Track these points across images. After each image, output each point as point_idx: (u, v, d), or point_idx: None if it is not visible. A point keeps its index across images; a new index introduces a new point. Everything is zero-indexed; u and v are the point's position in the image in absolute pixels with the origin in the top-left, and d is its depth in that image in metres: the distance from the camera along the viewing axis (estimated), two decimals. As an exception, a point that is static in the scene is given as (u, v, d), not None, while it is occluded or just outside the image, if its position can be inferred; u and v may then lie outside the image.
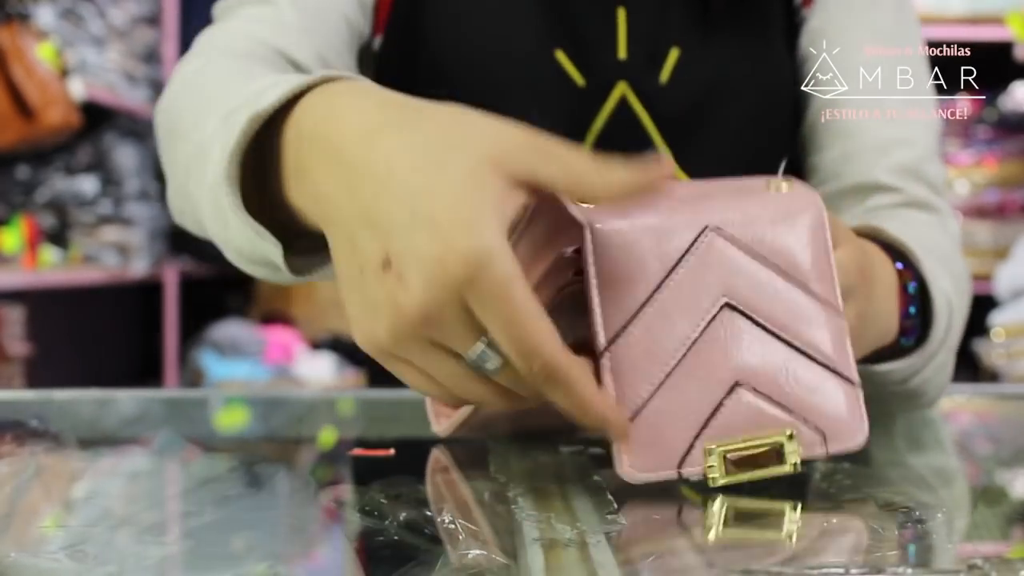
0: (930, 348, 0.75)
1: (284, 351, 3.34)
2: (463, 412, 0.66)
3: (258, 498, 0.64)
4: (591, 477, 0.63)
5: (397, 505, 0.57)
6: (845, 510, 0.58)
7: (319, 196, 0.55)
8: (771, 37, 0.93)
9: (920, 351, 0.75)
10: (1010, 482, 0.73)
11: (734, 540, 0.54)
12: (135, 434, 0.88)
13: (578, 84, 0.89)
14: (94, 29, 2.85)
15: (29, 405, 0.91)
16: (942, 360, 0.79)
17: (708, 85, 0.90)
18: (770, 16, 0.93)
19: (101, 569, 0.49)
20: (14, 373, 2.63)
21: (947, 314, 0.76)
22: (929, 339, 0.75)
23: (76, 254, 2.93)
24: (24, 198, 2.85)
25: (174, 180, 0.76)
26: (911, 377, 0.76)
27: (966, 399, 0.97)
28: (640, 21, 0.90)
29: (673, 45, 0.90)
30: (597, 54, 0.89)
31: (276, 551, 0.54)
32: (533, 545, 0.52)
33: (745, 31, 0.92)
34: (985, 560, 0.49)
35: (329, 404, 1.00)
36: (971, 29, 2.73)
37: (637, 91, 0.89)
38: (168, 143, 0.77)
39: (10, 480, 0.66)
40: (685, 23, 0.90)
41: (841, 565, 0.48)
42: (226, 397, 1.23)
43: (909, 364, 0.75)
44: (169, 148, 0.77)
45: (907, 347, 0.74)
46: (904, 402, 0.80)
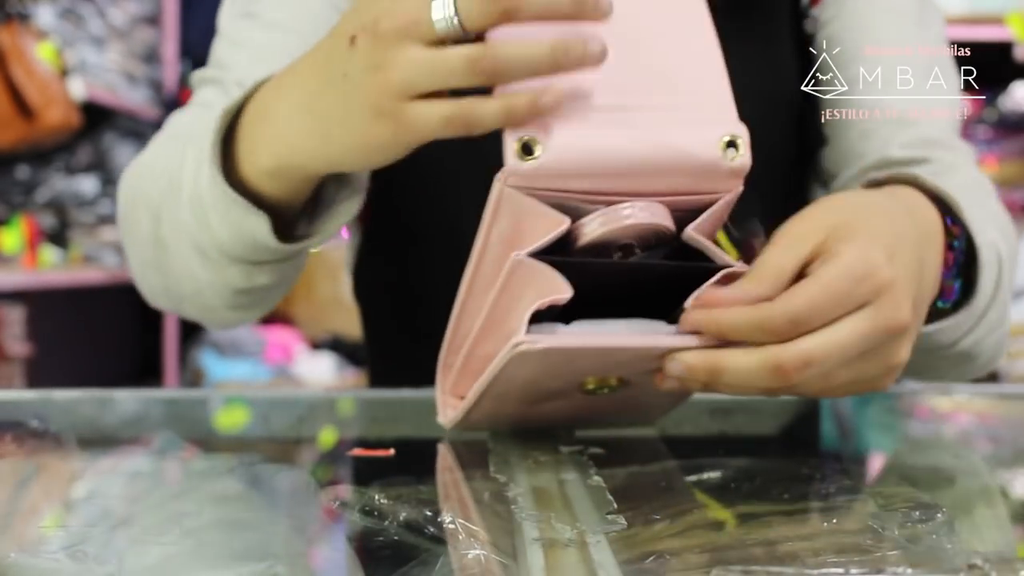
0: (978, 305, 0.71)
1: (284, 351, 3.34)
2: (470, 399, 0.66)
3: (258, 498, 0.64)
4: (591, 477, 0.63)
5: (397, 505, 0.57)
6: (845, 510, 0.58)
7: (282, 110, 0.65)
8: (777, 40, 0.92)
9: (968, 308, 0.70)
10: (1010, 482, 0.73)
11: (734, 540, 0.54)
12: (135, 434, 0.88)
13: None
14: (94, 29, 2.85)
15: (29, 405, 0.91)
16: (995, 317, 0.74)
17: None
18: (776, 18, 0.92)
19: (101, 569, 0.49)
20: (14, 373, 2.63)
21: (995, 267, 0.72)
22: (975, 295, 0.70)
23: (76, 254, 2.92)
24: (24, 198, 2.85)
25: (140, 253, 0.80)
26: (961, 338, 0.72)
27: (966, 399, 0.97)
28: None
29: None
30: None
31: (276, 551, 0.54)
32: (533, 545, 0.52)
33: (750, 34, 0.90)
34: (985, 560, 0.49)
35: (329, 404, 1.00)
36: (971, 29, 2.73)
37: None
38: (129, 222, 0.80)
39: (10, 480, 0.66)
40: None
41: (841, 565, 0.48)
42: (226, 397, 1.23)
43: (955, 323, 0.71)
44: (131, 226, 0.80)
45: (944, 309, 0.70)
46: (956, 367, 0.77)
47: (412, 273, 0.95)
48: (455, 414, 0.68)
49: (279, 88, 0.66)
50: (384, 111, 0.59)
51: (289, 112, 0.65)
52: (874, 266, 0.57)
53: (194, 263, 0.74)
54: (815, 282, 0.57)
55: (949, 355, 0.73)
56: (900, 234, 0.60)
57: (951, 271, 0.68)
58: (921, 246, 0.63)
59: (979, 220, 0.71)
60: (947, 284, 0.69)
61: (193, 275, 0.75)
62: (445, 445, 0.74)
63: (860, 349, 0.58)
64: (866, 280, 0.57)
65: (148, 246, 0.77)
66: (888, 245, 0.58)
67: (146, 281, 0.82)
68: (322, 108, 0.62)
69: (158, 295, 0.83)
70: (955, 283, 0.69)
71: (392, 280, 0.97)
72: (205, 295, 0.77)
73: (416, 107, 0.58)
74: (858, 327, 0.57)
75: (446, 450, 0.73)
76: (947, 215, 0.69)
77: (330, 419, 0.93)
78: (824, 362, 0.57)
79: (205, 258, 0.73)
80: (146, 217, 0.77)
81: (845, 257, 0.57)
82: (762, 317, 0.56)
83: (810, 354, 0.56)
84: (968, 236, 0.70)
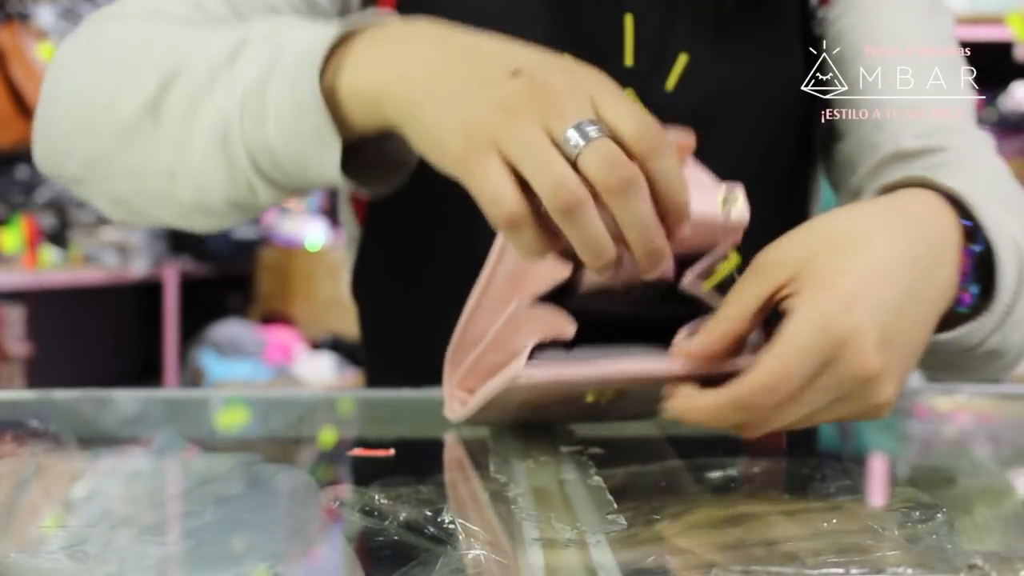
0: (1000, 303, 0.68)
1: (284, 351, 3.34)
2: (471, 407, 0.68)
3: (258, 498, 0.64)
4: (591, 477, 0.63)
5: (397, 505, 0.57)
6: (845, 510, 0.58)
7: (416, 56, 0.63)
8: (785, 43, 0.92)
9: (989, 310, 0.68)
10: (1010, 482, 0.73)
11: (734, 540, 0.54)
12: (135, 434, 0.88)
13: None
14: (94, 29, 2.85)
15: (29, 405, 0.91)
16: (1021, 312, 0.70)
17: (716, 92, 0.88)
18: (784, 19, 0.92)
19: (101, 569, 0.49)
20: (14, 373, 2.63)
21: (1016, 262, 0.69)
22: (996, 295, 0.68)
23: (76, 254, 2.93)
24: (24, 198, 2.85)
25: (103, 109, 0.73)
26: (987, 338, 0.70)
27: (966, 399, 0.97)
28: (648, 27, 0.88)
29: (682, 51, 0.88)
30: (603, 60, 0.88)
31: (276, 551, 0.54)
32: (533, 545, 0.52)
33: (757, 36, 0.90)
34: (985, 560, 0.49)
35: (329, 404, 1.00)
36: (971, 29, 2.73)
37: (643, 98, 0.87)
38: (99, 72, 0.75)
39: (10, 480, 0.66)
40: (695, 29, 0.88)
41: (841, 565, 0.48)
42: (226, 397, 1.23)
43: (978, 326, 0.69)
44: (100, 77, 0.74)
45: (964, 313, 0.68)
46: (985, 366, 0.75)
47: (411, 274, 0.95)
48: (461, 412, 0.69)
49: (411, 40, 0.65)
50: (474, 141, 0.58)
51: (412, 61, 0.63)
52: (825, 324, 0.57)
53: (201, 149, 0.69)
54: (779, 350, 0.57)
55: (977, 355, 0.72)
56: (874, 270, 0.59)
57: (967, 277, 0.66)
58: (917, 269, 0.62)
59: (994, 214, 0.69)
60: (964, 289, 0.67)
61: (188, 159, 0.70)
62: (445, 445, 0.74)
63: (824, 400, 0.58)
64: (822, 345, 0.57)
65: (129, 108, 0.72)
66: (853, 287, 0.58)
67: (74, 147, 0.76)
68: (444, 85, 0.61)
69: (73, 157, 0.76)
70: (972, 287, 0.67)
71: (390, 281, 0.97)
72: (180, 182, 0.72)
73: (493, 166, 0.57)
74: (819, 382, 0.57)
75: (446, 450, 0.73)
76: (964, 217, 0.67)
77: (330, 419, 0.93)
78: (788, 422, 0.58)
79: (225, 150, 0.69)
80: (152, 78, 0.71)
81: (802, 312, 0.57)
82: (736, 398, 0.58)
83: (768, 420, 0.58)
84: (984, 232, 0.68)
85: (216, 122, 0.69)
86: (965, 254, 0.66)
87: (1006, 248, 0.68)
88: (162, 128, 0.71)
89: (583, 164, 0.56)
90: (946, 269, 0.64)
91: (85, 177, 0.77)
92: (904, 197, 0.67)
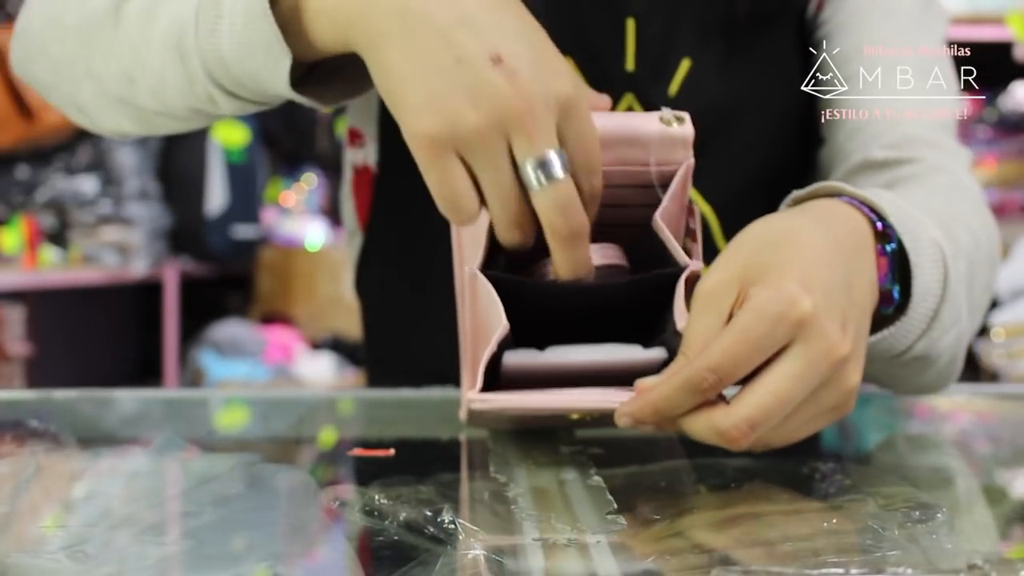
0: (923, 306, 0.68)
1: (284, 351, 3.34)
2: (462, 415, 0.67)
3: (258, 498, 0.64)
4: (591, 477, 0.63)
5: (397, 505, 0.57)
6: (845, 510, 0.58)
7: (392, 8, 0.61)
8: (785, 55, 0.91)
9: (909, 312, 0.68)
10: (1010, 482, 0.73)
11: (734, 540, 0.54)
12: (135, 434, 0.88)
13: None
14: (94, 29, 2.85)
15: (29, 405, 0.91)
16: (948, 317, 0.70)
17: (718, 97, 0.88)
18: (785, 33, 0.91)
19: (101, 569, 0.49)
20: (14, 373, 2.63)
21: (940, 265, 0.69)
22: (912, 297, 0.67)
23: (76, 254, 2.93)
24: (24, 198, 2.85)
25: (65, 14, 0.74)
26: (914, 343, 0.69)
27: (966, 399, 0.97)
28: (650, 32, 0.88)
29: (684, 56, 0.88)
30: (605, 65, 0.88)
31: (276, 551, 0.54)
32: (533, 545, 0.52)
33: (762, 46, 0.90)
34: (985, 560, 0.49)
35: (329, 404, 1.00)
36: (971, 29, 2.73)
37: (644, 103, 0.87)
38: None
39: (10, 480, 0.66)
40: (698, 34, 0.88)
41: (841, 565, 0.48)
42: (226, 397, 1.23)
43: (902, 329, 0.68)
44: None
45: (889, 315, 0.67)
46: (918, 374, 0.74)
47: (413, 273, 0.95)
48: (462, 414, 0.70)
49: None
50: (436, 128, 0.58)
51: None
52: (788, 301, 0.56)
53: (157, 56, 0.70)
54: (730, 331, 0.56)
55: (905, 361, 0.71)
56: (813, 256, 0.59)
57: (887, 277, 0.66)
58: (845, 258, 0.61)
59: (915, 220, 0.69)
60: (884, 289, 0.66)
61: (145, 66, 0.71)
62: (445, 445, 0.74)
63: (804, 391, 0.57)
64: (783, 318, 0.56)
65: (94, 5, 0.73)
66: (800, 273, 0.57)
67: (45, 44, 0.77)
68: (416, 23, 0.60)
69: (43, 58, 0.77)
70: (893, 288, 0.67)
71: (393, 279, 0.97)
72: (139, 88, 0.72)
73: (455, 169, 0.59)
74: (793, 370, 0.56)
75: (446, 450, 0.73)
76: (880, 220, 0.67)
77: (330, 419, 0.93)
78: (770, 418, 0.56)
79: (181, 59, 0.69)
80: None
81: (756, 299, 0.56)
82: (685, 378, 0.56)
83: (751, 418, 0.56)
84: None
85: (172, 29, 0.69)
86: (879, 252, 0.65)
87: (924, 253, 0.68)
88: (121, 31, 0.71)
89: (539, 203, 0.59)
90: (868, 263, 0.64)
91: (52, 82, 0.78)
92: (815, 204, 0.67)
